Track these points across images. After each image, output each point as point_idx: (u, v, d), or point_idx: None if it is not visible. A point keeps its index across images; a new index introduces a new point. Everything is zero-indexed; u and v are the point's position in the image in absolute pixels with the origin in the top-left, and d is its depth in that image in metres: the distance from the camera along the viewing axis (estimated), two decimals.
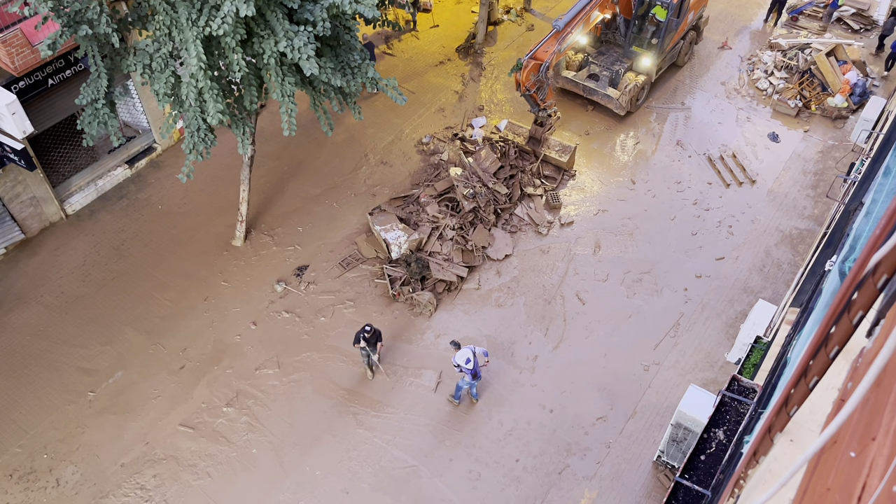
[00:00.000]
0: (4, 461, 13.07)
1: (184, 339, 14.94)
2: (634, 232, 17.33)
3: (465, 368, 13.00)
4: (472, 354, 12.99)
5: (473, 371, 13.05)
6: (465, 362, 12.98)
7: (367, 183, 18.25)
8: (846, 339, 2.71)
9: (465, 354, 12.99)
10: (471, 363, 12.96)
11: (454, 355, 13.16)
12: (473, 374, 13.11)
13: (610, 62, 20.01)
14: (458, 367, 13.07)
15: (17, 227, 16.19)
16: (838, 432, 2.38)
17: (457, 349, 13.20)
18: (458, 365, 13.03)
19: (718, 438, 7.93)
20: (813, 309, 5.84)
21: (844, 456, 2.30)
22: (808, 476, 2.73)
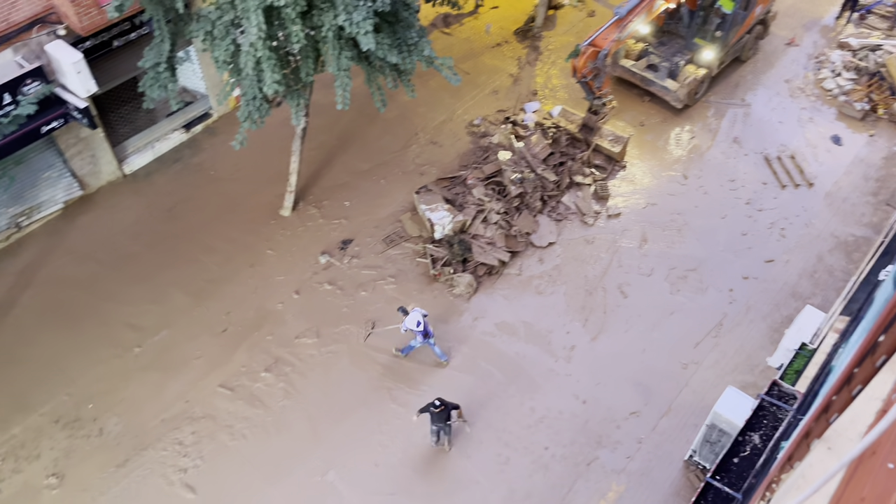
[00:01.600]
0: (52, 408, 13.63)
1: (228, 303, 15.30)
2: (683, 228, 17.01)
3: (416, 331, 13.63)
4: (420, 317, 13.61)
5: (424, 332, 13.66)
6: (416, 325, 13.54)
7: (415, 161, 18.29)
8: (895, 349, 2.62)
9: (415, 318, 13.56)
10: (421, 325, 13.55)
11: (403, 321, 13.75)
12: (424, 333, 13.70)
13: (670, 53, 19.55)
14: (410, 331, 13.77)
15: (76, 183, 16.73)
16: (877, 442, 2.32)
17: (405, 315, 13.78)
18: (409, 329, 13.67)
19: (754, 443, 7.78)
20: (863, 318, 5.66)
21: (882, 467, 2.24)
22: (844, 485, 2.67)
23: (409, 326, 13.68)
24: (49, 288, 15.38)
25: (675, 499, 12.76)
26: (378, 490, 12.74)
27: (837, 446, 3.24)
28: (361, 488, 12.75)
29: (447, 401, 12.51)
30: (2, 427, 13.31)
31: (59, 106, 14.76)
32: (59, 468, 12.87)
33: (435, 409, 12.31)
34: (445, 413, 12.51)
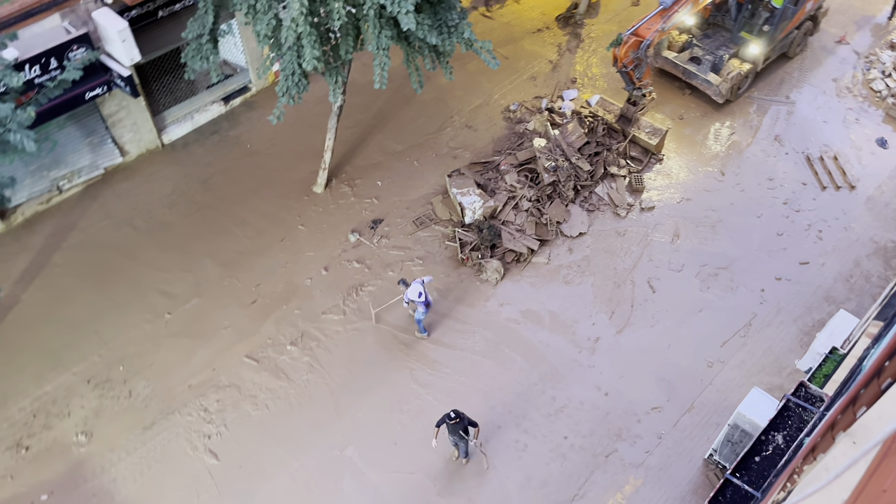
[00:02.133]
0: (84, 368, 14.00)
1: (258, 275, 15.51)
2: (717, 225, 16.76)
3: (419, 302, 13.59)
4: (421, 287, 13.55)
5: (426, 301, 13.67)
6: (418, 296, 13.50)
7: (449, 145, 18.26)
8: None
9: (417, 289, 13.52)
10: (423, 296, 13.53)
11: (405, 293, 13.72)
12: (427, 304, 13.73)
13: (715, 46, 19.19)
14: (412, 302, 13.74)
15: (116, 150, 17.05)
16: None
17: (406, 287, 13.74)
18: (412, 300, 13.62)
19: (777, 442, 7.69)
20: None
21: None
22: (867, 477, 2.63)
23: (411, 297, 13.68)
24: (87, 250, 15.75)
25: (693, 497, 12.68)
26: (396, 468, 12.87)
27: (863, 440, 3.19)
28: (380, 466, 12.90)
29: (464, 414, 12.03)
30: (35, 384, 13.72)
31: (104, 73, 15.02)
32: (88, 427, 13.23)
33: (450, 421, 11.89)
34: (461, 425, 12.02)
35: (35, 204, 16.31)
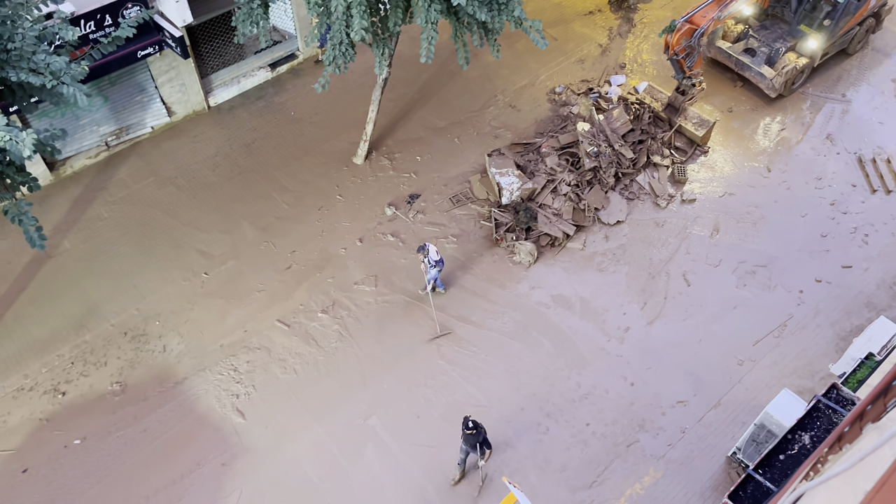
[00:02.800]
0: (122, 320, 14.41)
1: (294, 241, 15.71)
2: (759, 222, 16.42)
3: (436, 260, 13.77)
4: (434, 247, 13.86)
5: (442, 260, 13.95)
6: (437, 255, 13.75)
7: (491, 124, 18.16)
8: None
9: (434, 248, 13.77)
10: (439, 254, 13.80)
11: (426, 257, 13.75)
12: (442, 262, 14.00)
13: (771, 38, 18.64)
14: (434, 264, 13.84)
15: (164, 110, 17.34)
16: None
17: (425, 251, 13.71)
18: (437, 262, 13.79)
19: (803, 442, 7.58)
20: None
21: None
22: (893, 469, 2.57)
23: (435, 258, 13.75)
24: (131, 206, 16.13)
25: (713, 493, 12.60)
26: (417, 441, 13.03)
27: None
28: (402, 437, 13.07)
29: (481, 426, 11.41)
30: (76, 332, 14.17)
31: (156, 33, 15.24)
32: (122, 377, 13.65)
33: (467, 431, 11.27)
34: (477, 438, 11.42)
35: (83, 158, 16.72)
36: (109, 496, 12.31)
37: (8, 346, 13.93)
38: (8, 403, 13.22)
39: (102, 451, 12.78)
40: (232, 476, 12.56)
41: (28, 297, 14.62)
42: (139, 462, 12.68)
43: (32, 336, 14.09)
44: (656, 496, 12.56)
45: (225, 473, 12.59)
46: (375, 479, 12.60)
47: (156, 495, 12.34)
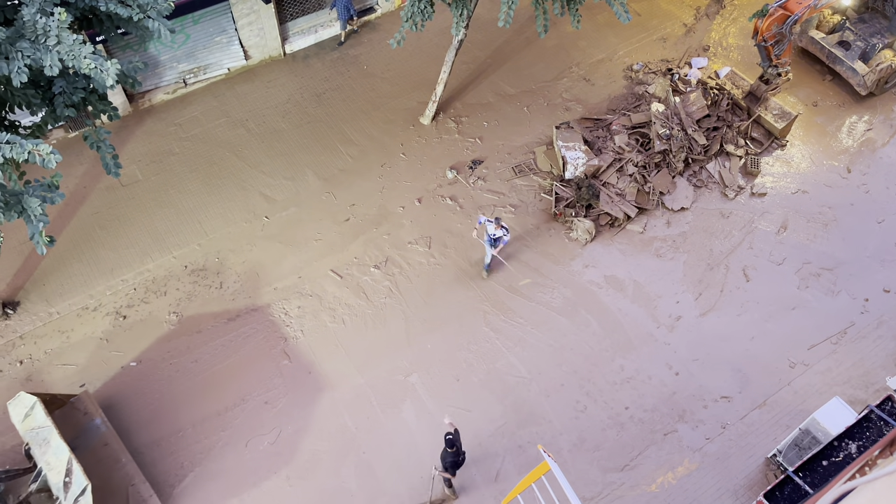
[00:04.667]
0: (184, 253, 14.93)
1: (354, 195, 15.90)
2: (830, 223, 15.80)
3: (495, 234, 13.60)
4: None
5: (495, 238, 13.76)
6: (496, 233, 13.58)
7: (563, 95, 17.85)
8: None
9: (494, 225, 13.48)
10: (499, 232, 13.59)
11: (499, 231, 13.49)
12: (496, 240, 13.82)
13: (868, 33, 17.66)
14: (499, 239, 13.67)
15: (241, 53, 17.62)
16: None
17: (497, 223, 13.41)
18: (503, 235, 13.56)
19: (849, 451, 7.37)
20: None
21: None
22: None
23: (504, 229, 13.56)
24: (202, 144, 16.57)
25: (747, 492, 12.43)
26: (455, 403, 13.21)
27: None
28: (440, 397, 13.26)
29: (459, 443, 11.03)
30: (140, 260, 14.76)
31: None
32: (180, 308, 14.19)
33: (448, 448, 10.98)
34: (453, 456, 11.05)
35: (161, 93, 17.19)
36: (159, 419, 12.93)
37: (77, 265, 14.63)
38: (72, 320, 13.94)
39: (155, 376, 13.39)
40: (273, 414, 13.01)
41: (99, 220, 15.28)
42: (188, 390, 13.24)
43: (100, 258, 14.75)
44: (688, 487, 12.46)
45: (267, 411, 13.04)
46: (410, 435, 12.87)
47: (201, 423, 12.89)
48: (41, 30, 8.94)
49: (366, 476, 12.43)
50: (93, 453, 11.86)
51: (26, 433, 11.35)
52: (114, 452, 12.08)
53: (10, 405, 11.61)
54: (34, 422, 11.34)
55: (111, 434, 12.24)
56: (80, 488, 10.71)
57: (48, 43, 9.00)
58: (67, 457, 10.94)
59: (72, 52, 8.96)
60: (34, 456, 11.25)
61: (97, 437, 12.14)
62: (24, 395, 11.58)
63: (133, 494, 11.71)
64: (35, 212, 9.36)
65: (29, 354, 13.48)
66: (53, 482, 10.91)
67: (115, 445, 12.15)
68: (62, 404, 12.22)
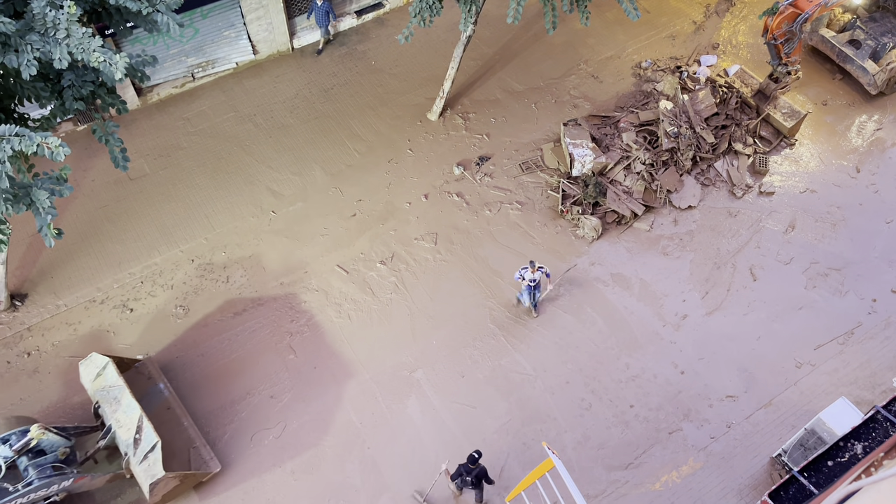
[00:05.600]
0: (191, 247, 14.97)
1: (361, 190, 15.92)
2: (839, 223, 15.72)
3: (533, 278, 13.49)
4: None
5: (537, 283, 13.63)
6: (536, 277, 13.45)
7: (571, 93, 17.80)
8: None
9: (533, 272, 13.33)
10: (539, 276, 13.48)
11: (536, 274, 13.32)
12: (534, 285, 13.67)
13: (880, 32, 17.55)
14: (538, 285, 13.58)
15: (250, 47, 17.64)
16: None
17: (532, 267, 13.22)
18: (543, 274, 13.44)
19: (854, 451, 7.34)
20: None
21: None
22: None
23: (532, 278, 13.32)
24: (210, 138, 16.60)
25: (751, 491, 12.40)
26: (459, 399, 13.22)
27: None
28: (444, 394, 13.28)
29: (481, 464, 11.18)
30: (147, 253, 14.81)
31: None
32: (187, 302, 14.24)
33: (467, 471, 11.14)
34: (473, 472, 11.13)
35: (169, 87, 17.22)
36: None
37: (84, 258, 14.69)
38: (80, 313, 14.00)
39: (162, 369, 13.43)
40: (279, 409, 13.05)
41: (107, 214, 15.33)
42: (194, 383, 13.29)
43: (108, 252, 14.81)
44: (692, 486, 12.44)
45: (272, 406, 13.08)
46: (415, 430, 12.88)
47: (207, 416, 12.94)
48: (50, 23, 8.97)
49: (370, 471, 12.45)
50: (156, 416, 12.28)
51: (96, 392, 11.79)
52: (175, 416, 12.58)
53: (82, 365, 12.04)
54: (105, 381, 11.81)
55: (173, 398, 12.76)
56: (150, 444, 11.14)
57: (57, 36, 9.03)
58: (138, 415, 11.39)
59: (81, 45, 8.99)
60: (103, 414, 11.67)
61: (160, 401, 12.69)
62: (97, 355, 11.99)
63: (194, 456, 12.19)
64: (43, 204, 9.40)
65: (36, 346, 13.56)
66: (122, 439, 11.32)
67: (177, 409, 12.66)
68: (127, 368, 12.68)
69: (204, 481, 12.15)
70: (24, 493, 10.43)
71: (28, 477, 10.62)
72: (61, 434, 11.12)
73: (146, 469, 11.04)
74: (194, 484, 11.98)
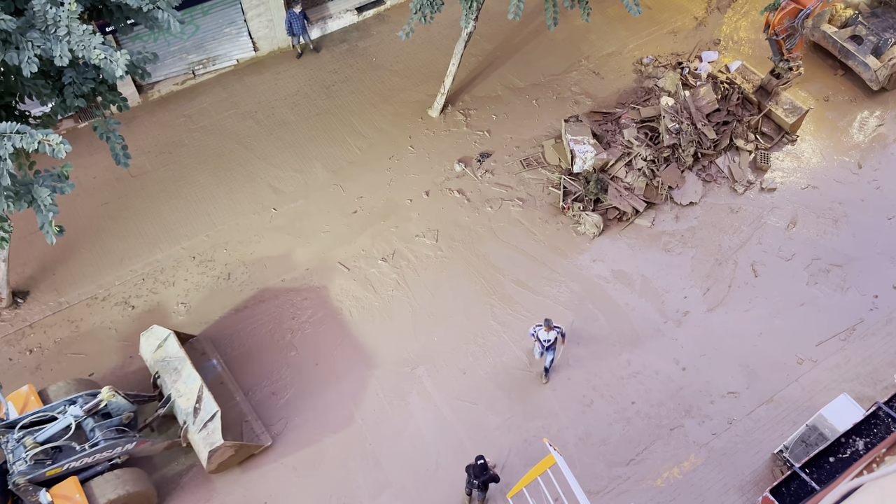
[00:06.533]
0: (192, 244, 14.98)
1: (362, 187, 15.91)
2: (840, 219, 15.70)
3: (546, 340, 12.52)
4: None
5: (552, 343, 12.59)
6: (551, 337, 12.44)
7: (572, 89, 17.78)
8: None
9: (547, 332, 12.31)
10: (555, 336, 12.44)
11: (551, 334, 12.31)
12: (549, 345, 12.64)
13: (882, 27, 17.51)
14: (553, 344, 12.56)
15: (251, 44, 17.63)
16: None
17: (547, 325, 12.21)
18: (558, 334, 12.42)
19: (856, 447, 7.35)
20: None
21: None
22: None
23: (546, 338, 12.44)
24: (211, 135, 16.60)
25: (753, 487, 12.41)
26: (461, 396, 13.23)
27: None
28: (446, 390, 13.29)
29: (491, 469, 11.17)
30: (149, 250, 14.82)
31: None
32: (188, 299, 14.25)
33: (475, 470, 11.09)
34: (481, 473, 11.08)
35: (171, 84, 17.22)
36: None
37: (86, 255, 14.70)
38: (82, 310, 14.02)
39: None
40: (280, 405, 13.06)
41: (109, 211, 15.34)
42: None
43: (109, 249, 14.82)
44: (694, 482, 12.45)
45: (274, 402, 13.10)
46: (417, 426, 12.90)
47: None
48: (51, 20, 8.97)
49: (372, 467, 12.47)
50: (210, 390, 12.41)
51: (156, 363, 12.27)
52: (228, 391, 12.94)
53: (143, 336, 12.54)
54: (165, 352, 12.30)
55: (226, 373, 13.14)
56: (210, 414, 11.55)
57: (58, 33, 9.03)
58: (199, 385, 11.83)
59: (82, 42, 8.99)
60: (162, 384, 12.13)
61: (214, 376, 13.04)
62: (158, 327, 12.54)
63: (247, 429, 12.58)
64: (45, 202, 9.41)
65: (38, 343, 13.58)
66: (182, 408, 11.74)
67: (229, 385, 13.01)
68: (182, 343, 12.91)
69: (255, 454, 12.42)
70: (91, 453, 10.84)
71: (94, 437, 11.05)
72: (128, 398, 11.58)
73: (205, 437, 11.46)
74: (246, 456, 12.28)
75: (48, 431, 10.76)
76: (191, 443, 11.75)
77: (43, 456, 10.64)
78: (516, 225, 15.40)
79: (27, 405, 11.17)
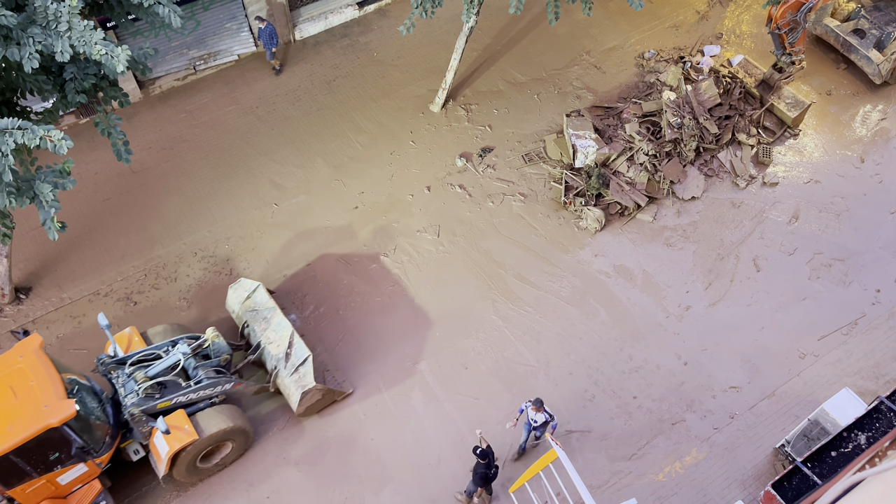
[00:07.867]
0: (194, 240, 14.99)
1: (364, 182, 15.90)
2: (843, 214, 15.68)
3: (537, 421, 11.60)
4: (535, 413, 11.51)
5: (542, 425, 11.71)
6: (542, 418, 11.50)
7: (573, 84, 17.75)
8: None
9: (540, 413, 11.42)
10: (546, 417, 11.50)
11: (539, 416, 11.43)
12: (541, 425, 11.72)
13: (884, 21, 17.44)
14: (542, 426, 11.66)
15: (251, 39, 17.60)
16: None
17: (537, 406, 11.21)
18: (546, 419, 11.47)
19: (858, 442, 7.35)
20: None
21: None
22: None
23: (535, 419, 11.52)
24: (212, 131, 16.60)
25: (755, 482, 12.42)
26: (462, 391, 13.25)
27: None
28: (447, 385, 13.30)
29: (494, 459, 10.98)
30: (150, 246, 14.84)
31: None
32: (190, 295, 14.27)
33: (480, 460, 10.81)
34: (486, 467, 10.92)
35: (172, 80, 17.21)
36: None
37: (88, 251, 14.72)
38: (84, 306, 14.04)
39: None
40: (282, 402, 13.07)
41: (110, 207, 15.35)
42: None
43: (111, 244, 14.83)
44: (695, 477, 12.47)
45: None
46: (418, 421, 12.92)
47: None
48: (52, 16, 8.96)
49: (374, 462, 12.50)
50: None
51: (245, 313, 12.93)
52: (310, 342, 13.48)
53: (231, 288, 13.25)
54: (254, 303, 12.94)
55: (306, 327, 13.68)
56: (302, 358, 12.17)
57: (59, 29, 9.02)
58: (290, 332, 12.45)
59: (83, 38, 8.98)
60: (251, 333, 12.79)
61: (296, 328, 13.34)
62: (245, 279, 13.23)
63: (329, 378, 13.25)
64: (47, 197, 9.42)
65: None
66: (272, 354, 12.39)
67: (310, 336, 13.59)
68: None
69: (338, 400, 12.89)
70: (195, 390, 11.41)
71: (197, 376, 11.64)
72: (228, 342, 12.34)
73: (297, 380, 12.07)
74: (329, 403, 12.80)
75: (156, 367, 11.31)
76: (280, 387, 12.35)
77: (152, 390, 11.19)
78: (518, 220, 15.40)
79: (131, 345, 11.90)
